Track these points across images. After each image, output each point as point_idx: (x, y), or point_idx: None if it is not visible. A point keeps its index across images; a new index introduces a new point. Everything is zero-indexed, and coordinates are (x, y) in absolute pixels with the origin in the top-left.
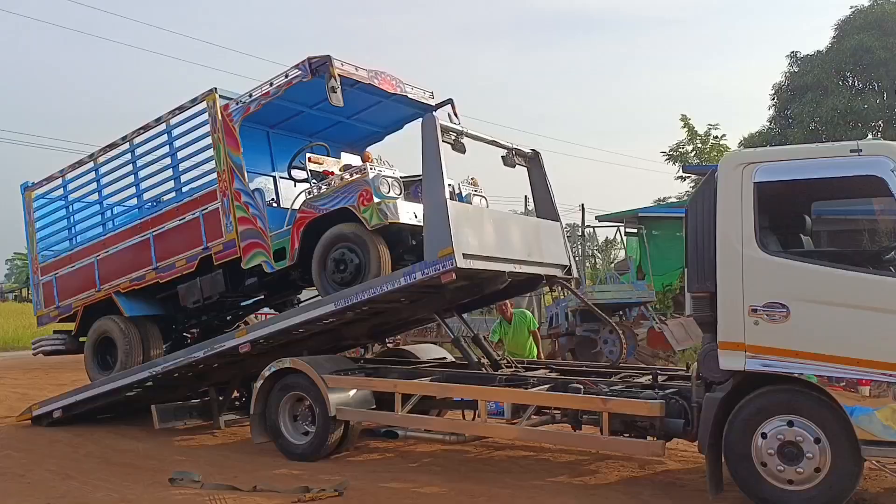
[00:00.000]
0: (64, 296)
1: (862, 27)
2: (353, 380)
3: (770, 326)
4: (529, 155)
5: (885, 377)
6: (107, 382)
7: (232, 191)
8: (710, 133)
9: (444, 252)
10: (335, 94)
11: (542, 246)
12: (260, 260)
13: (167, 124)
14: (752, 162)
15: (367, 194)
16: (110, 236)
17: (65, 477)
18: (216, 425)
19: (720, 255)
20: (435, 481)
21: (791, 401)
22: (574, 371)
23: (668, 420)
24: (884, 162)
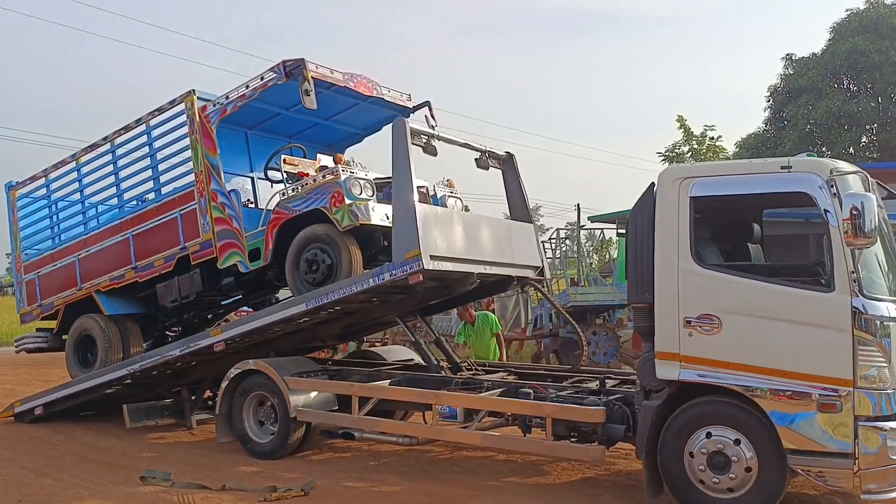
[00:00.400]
0: (46, 294)
1: (857, 30)
2: (312, 382)
3: (703, 338)
4: (503, 157)
5: (809, 388)
6: (86, 380)
7: (209, 191)
8: (706, 134)
9: (411, 254)
10: (308, 97)
11: (513, 247)
12: (235, 260)
13: (147, 125)
14: (688, 177)
15: (339, 196)
16: (91, 235)
17: (39, 474)
18: (188, 424)
19: (657, 268)
20: (400, 481)
21: (721, 412)
22: (531, 374)
23: (610, 426)
24: (812, 179)
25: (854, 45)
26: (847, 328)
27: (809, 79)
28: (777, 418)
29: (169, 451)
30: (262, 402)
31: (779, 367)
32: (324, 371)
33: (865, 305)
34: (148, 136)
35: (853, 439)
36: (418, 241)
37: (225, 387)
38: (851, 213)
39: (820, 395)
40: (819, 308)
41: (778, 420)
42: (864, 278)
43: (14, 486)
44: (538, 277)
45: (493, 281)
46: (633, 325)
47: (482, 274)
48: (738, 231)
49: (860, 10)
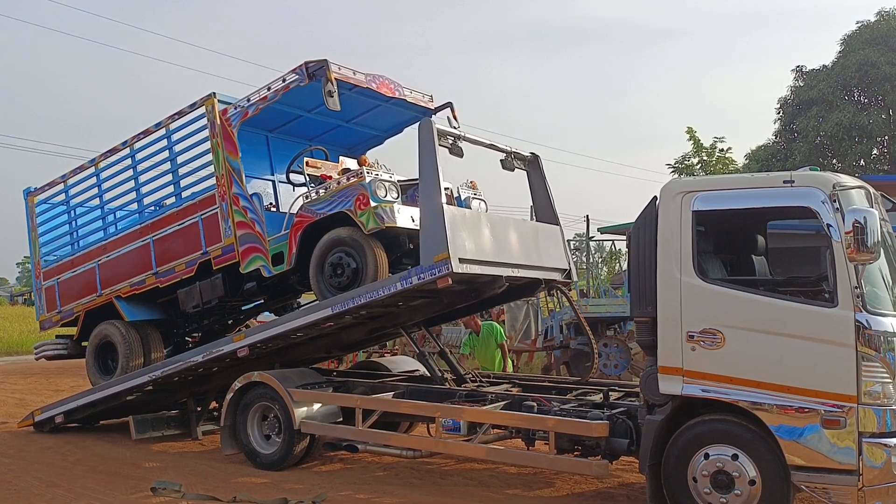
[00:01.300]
0: (66, 300)
1: (868, 42)
2: (317, 394)
3: (706, 352)
4: (528, 158)
5: (813, 404)
6: (108, 387)
7: (230, 195)
8: (715, 146)
9: (439, 257)
10: (332, 99)
11: (540, 250)
12: (258, 264)
13: (167, 129)
14: (690, 191)
15: (364, 198)
16: (111, 241)
17: (50, 484)
18: (194, 436)
19: (660, 282)
20: (410, 494)
21: (724, 429)
22: (535, 386)
23: (613, 440)
24: (815, 193)
25: (865, 57)
26: (851, 343)
27: (820, 91)
28: (781, 434)
29: (178, 461)
30: (266, 414)
31: (782, 383)
32: (328, 382)
33: (869, 321)
34: (168, 140)
35: (857, 455)
36: (447, 243)
37: (230, 399)
38: (854, 227)
39: (824, 410)
40: (822, 323)
41: (782, 435)
42: (867, 293)
43: (25, 497)
44: (565, 280)
45: (520, 284)
46: (637, 339)
47: (510, 277)
48: (742, 244)
49: (871, 22)
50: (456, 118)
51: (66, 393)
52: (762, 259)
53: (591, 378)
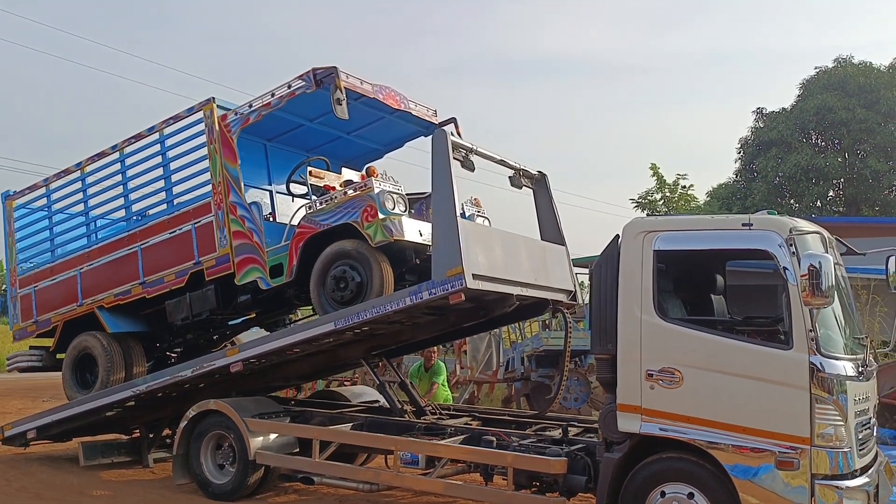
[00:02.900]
0: (43, 310)
1: (825, 87)
2: (273, 424)
3: (665, 391)
4: (536, 177)
5: (768, 445)
6: (87, 402)
7: (227, 203)
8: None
9: (453, 271)
10: (340, 107)
11: (548, 269)
12: (255, 276)
13: (160, 133)
14: (652, 230)
15: (372, 210)
16: (95, 248)
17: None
18: (144, 463)
19: (621, 320)
20: None
21: (680, 468)
22: (496, 420)
23: (571, 476)
24: (772, 237)
25: (822, 102)
26: (805, 386)
27: (779, 132)
28: (736, 473)
29: (128, 489)
30: (221, 443)
31: (738, 423)
32: (285, 412)
33: (823, 363)
34: (161, 146)
35: (810, 497)
36: (461, 257)
37: (183, 427)
38: (809, 272)
39: (778, 451)
40: (777, 365)
41: (737, 475)
42: (822, 336)
43: None
44: (570, 302)
45: (527, 304)
46: (597, 376)
47: (521, 296)
48: (701, 283)
49: (828, 68)
50: (459, 134)
51: (12, 416)
52: (721, 299)
53: (551, 411)
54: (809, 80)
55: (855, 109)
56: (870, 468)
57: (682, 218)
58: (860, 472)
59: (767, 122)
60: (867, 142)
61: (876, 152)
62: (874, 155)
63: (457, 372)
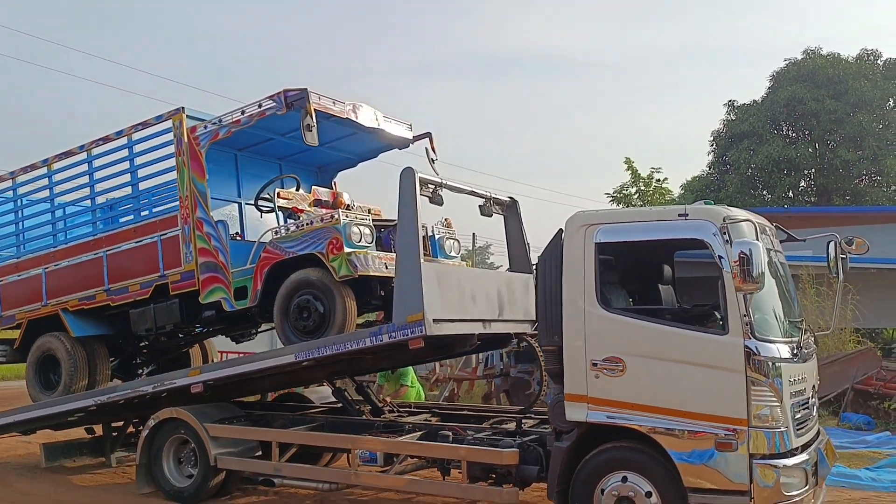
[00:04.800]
0: (7, 305)
1: (795, 79)
2: (233, 429)
3: (609, 380)
4: (507, 203)
5: (707, 428)
6: (50, 405)
7: (194, 219)
8: (652, 176)
9: (413, 317)
10: (310, 133)
11: (515, 301)
12: (219, 296)
13: (128, 139)
14: (592, 223)
15: (338, 242)
16: (61, 249)
17: None
18: (108, 463)
19: (565, 312)
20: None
21: (627, 455)
22: (455, 415)
23: (524, 467)
24: (707, 226)
25: (792, 94)
26: (740, 369)
27: (751, 125)
28: (677, 457)
29: (104, 497)
30: (183, 447)
31: (679, 408)
32: (247, 417)
33: (758, 347)
34: (129, 151)
35: (749, 476)
36: (422, 304)
37: (145, 436)
38: (740, 258)
39: (717, 434)
40: (714, 350)
41: (678, 458)
42: (757, 320)
43: None
44: (534, 332)
45: (490, 337)
46: (545, 368)
47: (482, 334)
48: (647, 274)
49: (798, 59)
50: (434, 149)
51: None
52: (669, 288)
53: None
54: (779, 71)
55: (824, 100)
56: (809, 446)
57: (621, 210)
58: (799, 451)
59: (739, 115)
60: (837, 132)
61: (845, 142)
62: (844, 145)
63: (436, 370)
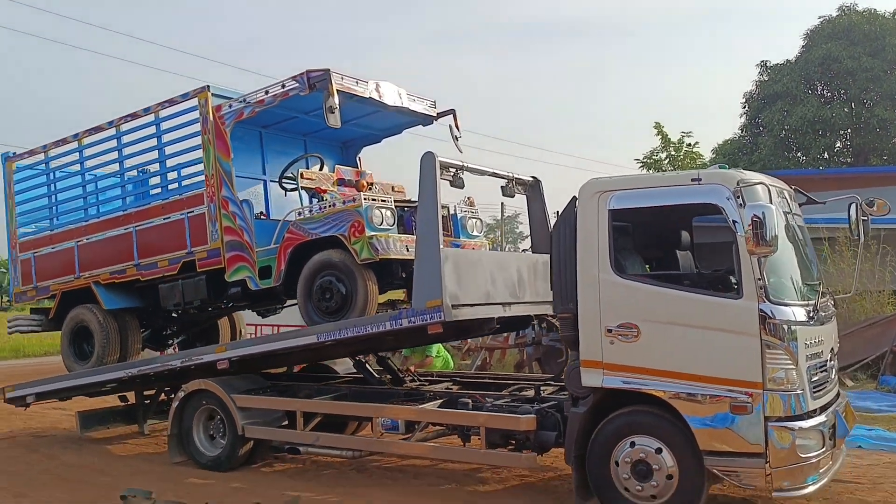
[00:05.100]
0: (42, 276)
1: (830, 37)
2: (259, 399)
3: (624, 346)
4: (529, 183)
5: (722, 392)
6: (83, 376)
7: (219, 198)
8: (683, 141)
9: (432, 303)
10: (332, 115)
11: (536, 283)
12: (244, 275)
13: (156, 115)
14: (606, 190)
15: (359, 225)
16: (92, 223)
17: (17, 495)
18: (141, 430)
19: (580, 279)
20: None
21: (642, 420)
22: (476, 383)
23: (542, 433)
24: (720, 190)
25: (827, 52)
26: (755, 333)
27: (784, 85)
28: (692, 421)
29: (147, 467)
30: (213, 416)
31: (693, 372)
32: (273, 387)
33: (773, 311)
34: (157, 128)
35: (764, 439)
36: (441, 291)
37: (175, 407)
38: (753, 222)
39: (732, 397)
40: (728, 314)
41: (693, 422)
42: (773, 284)
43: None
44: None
45: (510, 319)
46: (560, 335)
47: (502, 317)
48: (664, 239)
49: (833, 17)
50: (458, 126)
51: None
52: (687, 254)
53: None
54: (814, 29)
55: (861, 58)
56: (827, 409)
57: (635, 176)
58: (817, 413)
59: (772, 75)
60: (874, 90)
61: (883, 101)
62: (881, 104)
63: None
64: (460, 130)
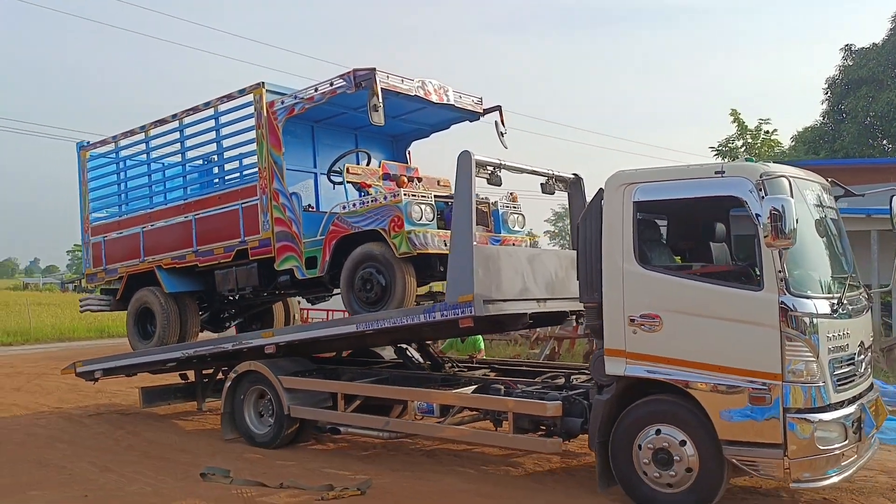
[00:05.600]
0: (111, 260)
1: None
2: (304, 381)
3: (646, 335)
4: (570, 180)
5: (742, 382)
6: (145, 355)
7: (271, 189)
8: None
9: (464, 298)
10: (376, 113)
11: (573, 280)
12: (292, 264)
13: (215, 110)
14: (631, 182)
15: (399, 220)
16: (156, 210)
17: (103, 469)
18: (199, 407)
19: (605, 269)
20: (456, 482)
21: (664, 409)
22: (513, 371)
23: (568, 419)
24: (743, 183)
25: None
26: (775, 324)
27: (870, 70)
28: (712, 410)
29: (226, 446)
30: (263, 396)
31: (714, 363)
32: (319, 370)
33: (794, 303)
34: (216, 122)
35: (783, 430)
36: (473, 286)
37: (227, 387)
38: (772, 215)
39: (752, 388)
40: (749, 306)
41: (713, 412)
42: (796, 276)
43: (79, 481)
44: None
45: (545, 314)
46: (586, 324)
47: (535, 313)
48: (699, 231)
49: None
50: (503, 122)
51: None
52: (723, 246)
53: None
54: None
55: None
56: (855, 402)
57: (659, 168)
58: (844, 405)
59: (857, 60)
60: None
61: None
62: None
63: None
64: (506, 126)
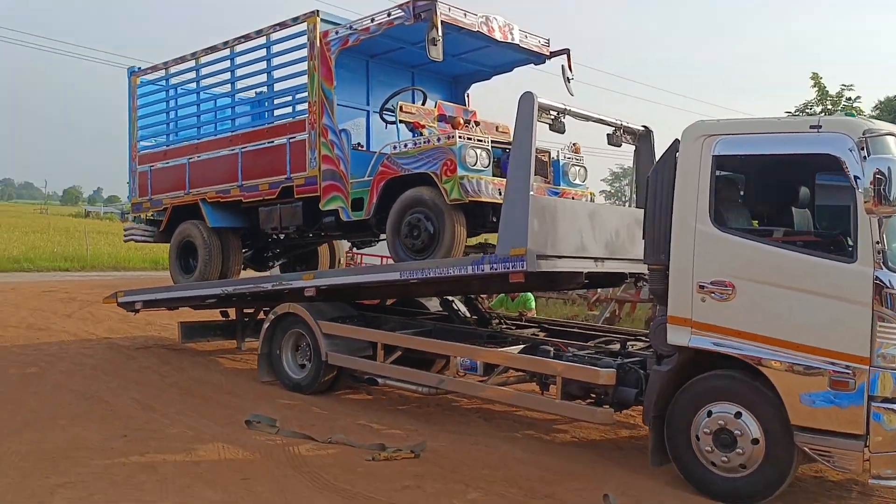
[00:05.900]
0: (157, 190)
1: None
2: (343, 327)
3: (716, 304)
4: (640, 132)
5: (822, 364)
6: (185, 289)
7: (320, 125)
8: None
9: (516, 251)
10: (435, 48)
11: (634, 239)
12: (337, 205)
13: (267, 38)
14: (712, 134)
15: (452, 164)
16: (203, 142)
17: (146, 407)
18: (239, 346)
19: (674, 228)
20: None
21: (729, 387)
22: (564, 332)
23: (622, 388)
24: (842, 140)
25: None
26: (867, 302)
27: None
28: (785, 392)
29: (272, 391)
30: (300, 342)
31: (791, 340)
32: (360, 317)
33: (892, 279)
34: (267, 51)
35: (865, 420)
36: (526, 238)
37: (265, 328)
38: (875, 178)
39: (833, 371)
40: (838, 279)
41: (786, 394)
42: (894, 250)
43: (121, 419)
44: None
45: (603, 274)
46: (649, 288)
47: (591, 273)
48: (782, 194)
49: None
50: (571, 67)
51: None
52: (806, 212)
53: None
54: None
55: None
56: None
57: (745, 120)
58: None
59: None
60: None
61: None
62: None
63: (597, 290)
64: (573, 73)
